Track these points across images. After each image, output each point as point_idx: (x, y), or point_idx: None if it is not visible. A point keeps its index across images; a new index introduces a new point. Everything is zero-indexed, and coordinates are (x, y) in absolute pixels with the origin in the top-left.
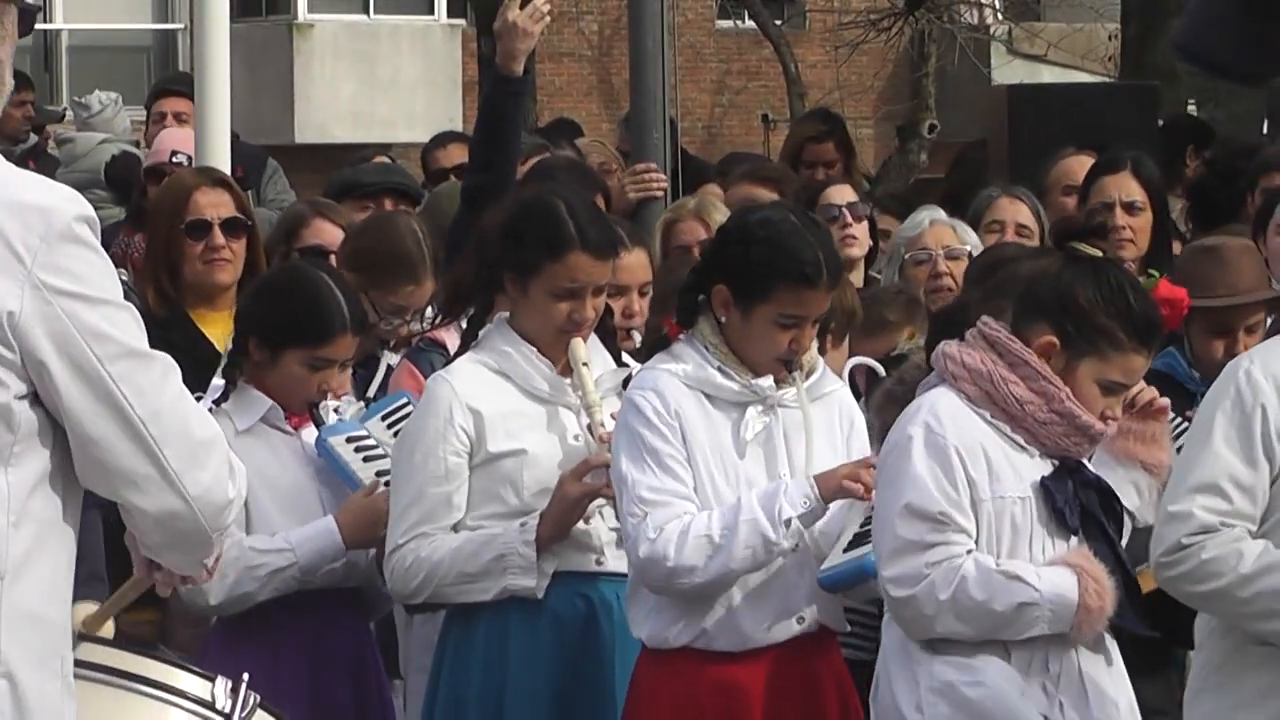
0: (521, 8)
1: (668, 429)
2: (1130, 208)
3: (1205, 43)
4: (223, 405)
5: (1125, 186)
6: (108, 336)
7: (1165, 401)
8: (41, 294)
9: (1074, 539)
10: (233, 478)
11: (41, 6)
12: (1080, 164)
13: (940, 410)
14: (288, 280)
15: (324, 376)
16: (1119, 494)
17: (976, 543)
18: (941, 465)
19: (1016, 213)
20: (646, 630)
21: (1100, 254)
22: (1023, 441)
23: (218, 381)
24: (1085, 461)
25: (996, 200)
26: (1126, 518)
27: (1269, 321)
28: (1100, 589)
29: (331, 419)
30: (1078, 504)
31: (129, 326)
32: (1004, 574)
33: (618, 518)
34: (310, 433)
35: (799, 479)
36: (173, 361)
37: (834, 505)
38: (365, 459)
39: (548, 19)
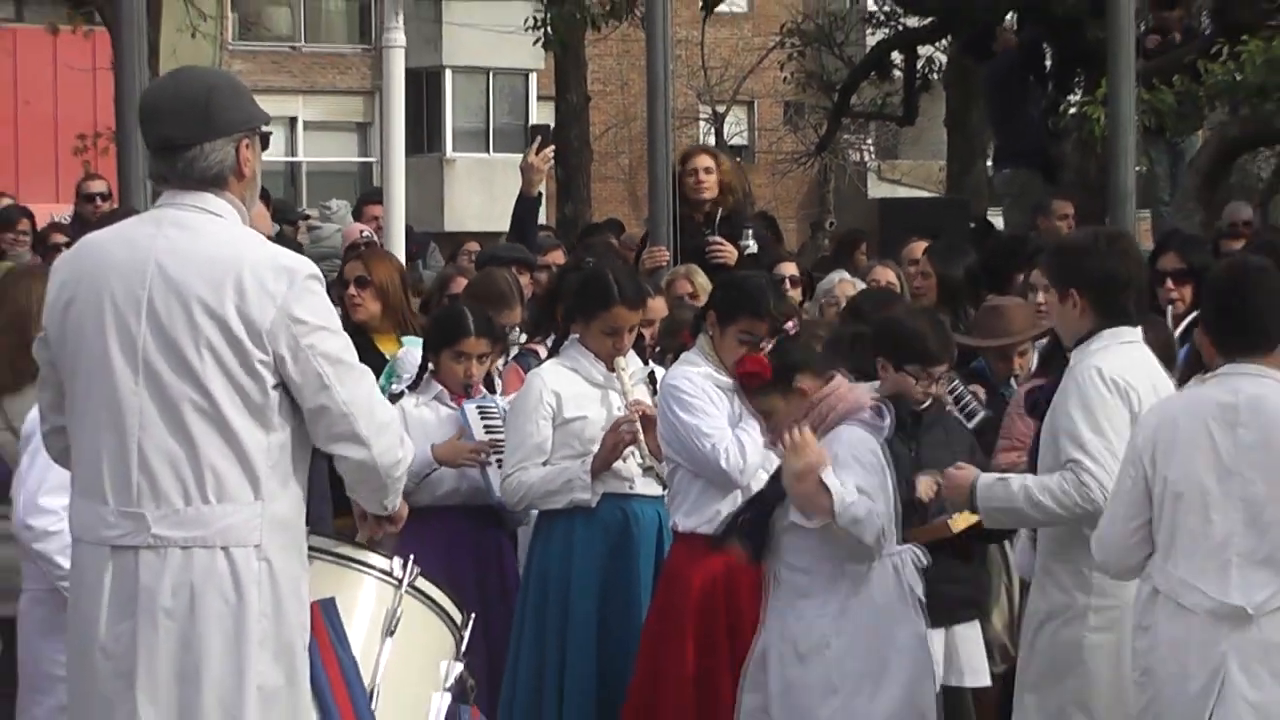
0: (535, 154)
1: (701, 393)
2: (922, 275)
3: (1014, 157)
4: (415, 389)
5: (928, 263)
6: (327, 351)
7: None
8: (285, 321)
9: None
10: (402, 446)
11: (272, 132)
12: (916, 247)
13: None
14: (444, 310)
15: (466, 366)
16: None
17: None
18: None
19: (886, 275)
20: (684, 521)
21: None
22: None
23: (407, 376)
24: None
25: (875, 268)
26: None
27: (1035, 346)
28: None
29: (480, 398)
30: None
31: (341, 344)
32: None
33: (642, 455)
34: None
35: None
36: (369, 370)
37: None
38: (483, 421)
39: (551, 162)
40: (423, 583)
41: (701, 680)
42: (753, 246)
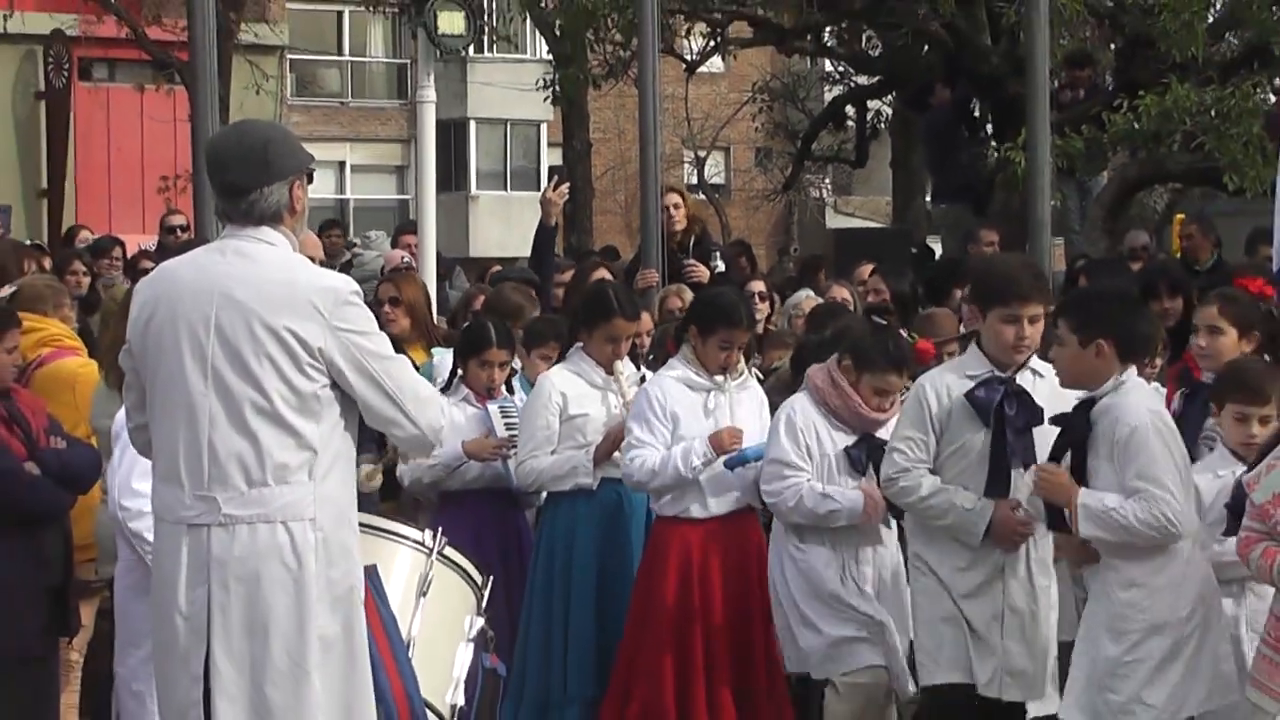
0: (554, 190)
1: (660, 409)
2: (877, 292)
3: (949, 194)
4: (446, 391)
5: (876, 282)
6: (372, 351)
7: None
8: (334, 332)
9: (864, 478)
10: (443, 414)
11: (315, 168)
12: (865, 269)
13: (796, 404)
14: (471, 325)
15: (489, 372)
16: None
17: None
18: (791, 434)
19: (841, 292)
20: (659, 506)
21: (886, 324)
22: (839, 422)
23: (440, 380)
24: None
25: (832, 286)
26: None
27: (959, 348)
28: (876, 504)
29: (502, 399)
30: (865, 457)
31: (381, 343)
32: (824, 494)
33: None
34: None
35: (703, 440)
36: (407, 359)
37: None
38: (505, 420)
39: (566, 196)
40: (449, 550)
41: (679, 630)
42: (721, 266)
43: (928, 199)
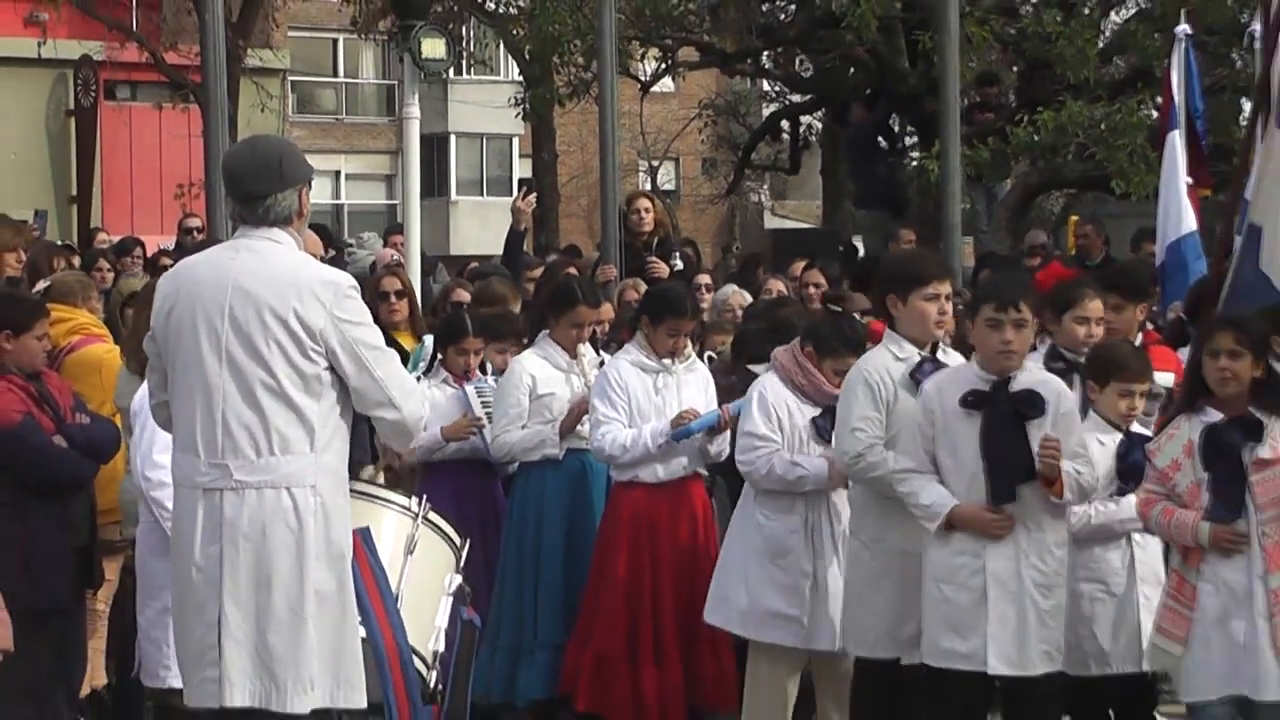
0: (523, 200)
1: (619, 387)
2: (816, 285)
3: (870, 198)
4: (427, 374)
5: (814, 276)
6: (365, 341)
7: None
8: (334, 321)
9: (827, 446)
10: (423, 406)
11: (313, 176)
12: (799, 265)
13: (767, 383)
14: (450, 315)
15: (465, 359)
16: None
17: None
18: (763, 409)
19: (777, 286)
20: (616, 474)
21: (840, 310)
22: (804, 397)
23: (424, 364)
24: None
25: (769, 280)
26: None
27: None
28: (837, 471)
29: (477, 381)
30: (829, 425)
31: (375, 335)
32: (793, 462)
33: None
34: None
35: (665, 421)
36: (395, 354)
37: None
38: (481, 401)
39: (533, 205)
40: (433, 515)
41: (631, 580)
42: (680, 265)
43: (853, 203)
